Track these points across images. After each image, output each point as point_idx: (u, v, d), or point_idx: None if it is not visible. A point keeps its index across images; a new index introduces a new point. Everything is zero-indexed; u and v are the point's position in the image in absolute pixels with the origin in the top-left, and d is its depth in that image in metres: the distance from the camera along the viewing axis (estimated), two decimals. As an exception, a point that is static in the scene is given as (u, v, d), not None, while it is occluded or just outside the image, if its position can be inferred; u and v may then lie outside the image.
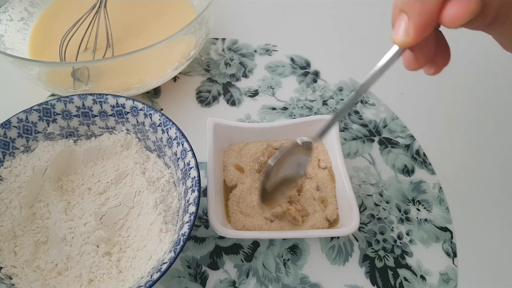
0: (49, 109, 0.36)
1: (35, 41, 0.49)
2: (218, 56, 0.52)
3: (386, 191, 0.41)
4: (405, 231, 0.39)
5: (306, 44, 0.54)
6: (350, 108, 0.33)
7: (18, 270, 0.31)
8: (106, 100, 0.36)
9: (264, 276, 0.36)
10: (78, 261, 0.32)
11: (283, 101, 0.48)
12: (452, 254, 0.37)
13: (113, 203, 0.35)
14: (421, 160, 0.43)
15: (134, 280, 0.30)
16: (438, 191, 0.41)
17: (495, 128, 0.46)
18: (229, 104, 0.47)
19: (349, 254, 0.37)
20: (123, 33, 0.49)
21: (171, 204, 0.34)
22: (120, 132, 0.38)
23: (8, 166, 0.35)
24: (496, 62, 0.52)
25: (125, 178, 0.36)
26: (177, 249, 0.28)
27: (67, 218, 0.34)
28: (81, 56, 0.46)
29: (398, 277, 0.36)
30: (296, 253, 0.37)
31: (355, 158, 0.43)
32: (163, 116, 0.35)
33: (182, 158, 0.34)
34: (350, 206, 0.35)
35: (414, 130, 0.46)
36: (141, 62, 0.40)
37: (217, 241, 0.37)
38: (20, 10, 0.50)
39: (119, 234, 0.34)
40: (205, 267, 0.36)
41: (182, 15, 0.52)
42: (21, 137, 0.35)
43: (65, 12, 0.52)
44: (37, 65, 0.39)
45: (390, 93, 0.49)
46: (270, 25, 0.56)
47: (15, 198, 0.34)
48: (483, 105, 0.49)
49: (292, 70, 0.51)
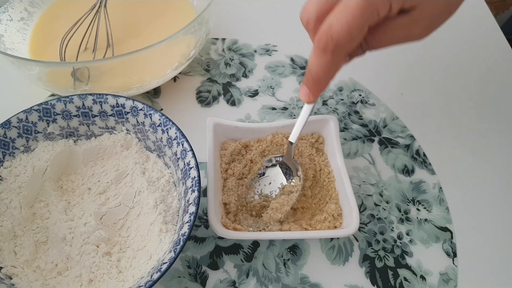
0: (49, 109, 0.36)
1: (35, 41, 0.49)
2: (218, 56, 0.52)
3: (386, 191, 0.41)
4: (405, 231, 0.39)
5: (306, 44, 0.54)
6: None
7: (18, 270, 0.31)
8: (106, 100, 0.36)
9: (264, 276, 0.36)
10: (78, 261, 0.32)
11: (283, 101, 0.48)
12: (452, 254, 0.37)
13: (113, 203, 0.35)
14: (421, 160, 0.43)
15: (134, 280, 0.30)
16: (438, 191, 0.41)
17: (495, 128, 0.46)
18: (229, 104, 0.47)
19: (349, 254, 0.37)
20: (123, 33, 0.49)
21: (171, 204, 0.34)
22: (120, 132, 0.38)
23: (8, 166, 0.35)
24: (496, 62, 0.52)
25: (125, 178, 0.36)
26: (177, 249, 0.28)
27: (67, 218, 0.34)
28: (81, 56, 0.46)
29: (398, 277, 0.36)
30: (296, 253, 0.37)
31: (355, 158, 0.43)
32: (163, 116, 0.35)
33: (182, 158, 0.34)
34: (350, 206, 0.35)
35: (414, 130, 0.46)
36: (141, 62, 0.40)
37: (217, 241, 0.37)
38: (20, 10, 0.50)
39: (119, 234, 0.34)
40: (205, 267, 0.36)
41: (182, 15, 0.52)
42: (21, 137, 0.35)
43: (65, 12, 0.52)
44: (37, 65, 0.39)
45: (390, 93, 0.49)
46: (270, 25, 0.56)
47: (15, 198, 0.34)
48: (483, 105, 0.49)
49: (292, 70, 0.51)
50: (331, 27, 0.26)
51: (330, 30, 0.26)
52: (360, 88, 0.49)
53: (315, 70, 0.29)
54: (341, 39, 0.26)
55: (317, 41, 0.27)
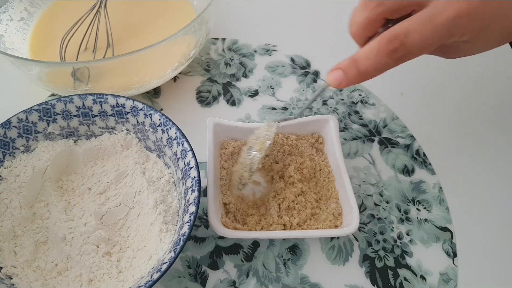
0: (49, 109, 0.36)
1: (35, 41, 0.49)
2: (218, 56, 0.52)
3: (386, 191, 0.41)
4: (405, 231, 0.39)
5: (306, 44, 0.54)
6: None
7: (18, 270, 0.31)
8: (106, 100, 0.36)
9: (264, 276, 0.36)
10: (78, 261, 0.32)
11: (283, 101, 0.48)
12: (452, 254, 0.37)
13: (113, 203, 0.35)
14: (421, 160, 0.43)
15: (134, 280, 0.30)
16: (438, 191, 0.41)
17: (495, 128, 0.46)
18: (229, 104, 0.47)
19: (349, 254, 0.37)
20: (123, 33, 0.49)
21: (171, 204, 0.34)
22: (120, 132, 0.38)
23: (8, 166, 0.35)
24: (496, 62, 0.52)
25: (125, 178, 0.36)
26: (177, 249, 0.28)
27: (67, 218, 0.34)
28: (81, 56, 0.46)
29: (398, 277, 0.36)
30: (296, 253, 0.37)
31: (355, 158, 0.43)
32: (163, 116, 0.35)
33: (182, 157, 0.34)
34: (350, 206, 0.35)
35: (414, 130, 0.46)
36: (141, 62, 0.40)
37: (217, 241, 0.37)
38: (20, 10, 0.50)
39: (119, 234, 0.34)
40: (205, 267, 0.36)
41: (182, 15, 0.52)
42: (21, 137, 0.35)
43: (65, 12, 0.52)
44: (37, 65, 0.39)
45: (390, 93, 0.49)
46: (270, 25, 0.56)
47: (15, 198, 0.34)
48: (483, 105, 0.49)
49: (292, 70, 0.51)
50: (408, 36, 0.26)
51: (406, 38, 0.26)
52: (360, 88, 0.49)
53: (367, 65, 0.28)
54: (413, 50, 0.27)
55: (387, 42, 0.27)
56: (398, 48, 0.27)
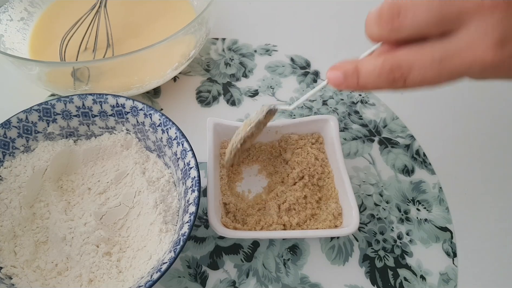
0: (49, 109, 0.36)
1: (35, 41, 0.49)
2: (218, 56, 0.52)
3: (386, 191, 0.41)
4: (405, 231, 0.39)
5: (306, 44, 0.54)
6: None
7: (18, 270, 0.31)
8: (106, 100, 0.36)
9: (264, 276, 0.36)
10: (78, 261, 0.32)
11: (283, 101, 0.48)
12: (452, 254, 0.37)
13: (113, 203, 0.35)
14: (421, 160, 0.43)
15: (134, 280, 0.30)
16: (438, 191, 0.41)
17: (495, 128, 0.46)
18: (229, 104, 0.47)
19: (349, 254, 0.37)
20: (123, 33, 0.49)
21: (171, 204, 0.34)
22: (120, 132, 0.38)
23: (8, 166, 0.35)
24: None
25: (125, 178, 0.36)
26: (177, 249, 0.28)
27: (67, 218, 0.34)
28: (81, 56, 0.46)
29: (398, 277, 0.36)
30: (296, 253, 0.37)
31: (355, 158, 0.43)
32: (163, 116, 0.35)
33: (182, 157, 0.34)
34: (350, 206, 0.35)
35: (414, 130, 0.46)
36: (141, 62, 0.40)
37: (217, 241, 0.37)
38: (20, 10, 0.50)
39: (119, 234, 0.34)
40: (205, 267, 0.36)
41: (182, 15, 0.52)
42: (21, 137, 0.35)
43: (65, 12, 0.52)
44: (37, 65, 0.39)
45: (390, 93, 0.49)
46: (270, 25, 0.56)
47: (15, 198, 0.34)
48: (483, 105, 0.49)
49: (292, 70, 0.51)
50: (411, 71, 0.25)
51: (408, 73, 0.25)
52: (360, 88, 0.49)
53: (367, 82, 0.28)
54: (412, 87, 0.26)
55: (388, 71, 0.26)
56: (398, 79, 0.26)
